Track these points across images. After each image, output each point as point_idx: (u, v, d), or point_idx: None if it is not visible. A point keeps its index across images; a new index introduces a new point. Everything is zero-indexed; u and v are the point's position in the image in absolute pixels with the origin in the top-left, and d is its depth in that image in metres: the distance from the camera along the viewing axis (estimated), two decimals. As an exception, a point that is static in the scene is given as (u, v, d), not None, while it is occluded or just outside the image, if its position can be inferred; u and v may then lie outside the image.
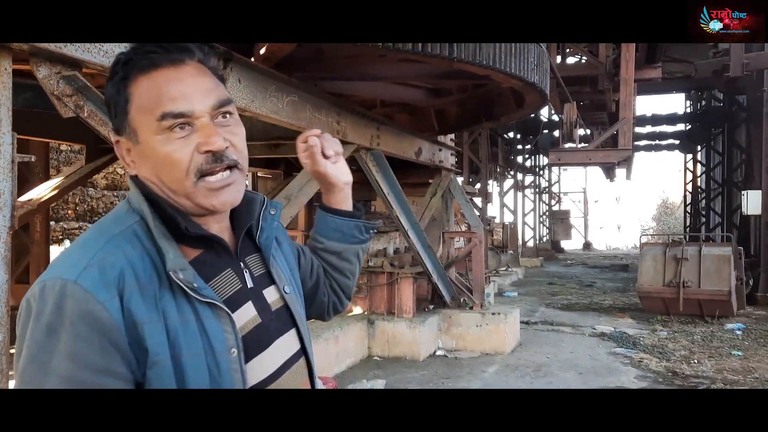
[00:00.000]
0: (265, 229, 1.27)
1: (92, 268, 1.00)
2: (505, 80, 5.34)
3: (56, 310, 0.97)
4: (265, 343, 1.18)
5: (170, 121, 1.07)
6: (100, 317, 0.97)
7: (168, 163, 1.08)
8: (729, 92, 16.51)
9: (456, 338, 7.95)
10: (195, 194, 1.10)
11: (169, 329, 1.03)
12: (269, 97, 4.28)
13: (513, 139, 23.25)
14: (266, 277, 1.26)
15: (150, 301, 1.02)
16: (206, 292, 1.07)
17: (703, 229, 21.56)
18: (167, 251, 1.06)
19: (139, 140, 1.10)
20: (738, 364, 7.32)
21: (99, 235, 1.07)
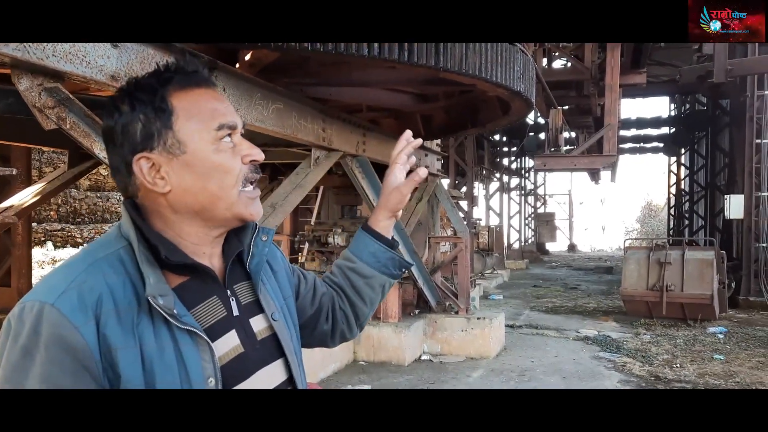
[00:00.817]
0: (256, 256, 1.26)
1: (71, 291, 1.00)
2: (491, 89, 5.36)
3: (32, 333, 0.98)
4: (246, 374, 1.17)
5: (225, 131, 1.14)
6: (72, 341, 0.97)
7: (222, 171, 1.13)
8: (713, 97, 16.66)
9: (441, 343, 7.97)
10: (237, 203, 1.15)
11: (145, 356, 1.03)
12: (254, 105, 4.27)
13: (499, 142, 23.33)
14: (255, 305, 1.24)
15: (127, 326, 1.02)
16: (186, 319, 1.07)
17: (686, 231, 21.74)
18: (148, 276, 1.06)
19: (186, 150, 1.12)
20: (720, 368, 7.39)
21: (83, 259, 1.08)
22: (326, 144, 5.43)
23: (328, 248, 8.27)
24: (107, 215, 15.58)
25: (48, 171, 13.71)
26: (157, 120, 1.12)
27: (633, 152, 25.58)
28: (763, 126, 12.24)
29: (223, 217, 1.16)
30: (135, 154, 1.12)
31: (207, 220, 1.16)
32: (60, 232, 13.89)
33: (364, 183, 6.42)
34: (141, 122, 1.12)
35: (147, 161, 1.12)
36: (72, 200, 14.70)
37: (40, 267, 11.59)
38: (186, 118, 1.13)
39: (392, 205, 1.52)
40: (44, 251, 12.56)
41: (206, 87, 1.17)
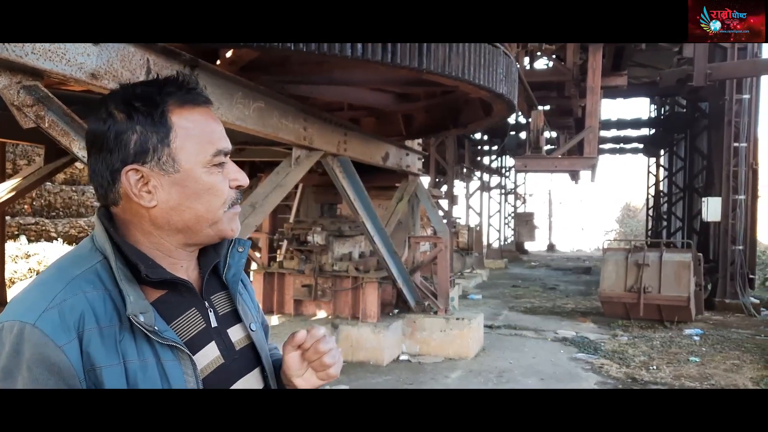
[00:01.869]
0: (233, 267, 1.27)
1: (52, 310, 0.99)
2: (474, 91, 5.34)
3: (13, 354, 0.97)
4: (227, 384, 1.18)
5: (221, 157, 1.15)
6: (57, 361, 0.97)
7: (211, 193, 1.14)
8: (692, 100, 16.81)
9: (420, 343, 7.96)
10: (222, 221, 1.16)
11: (129, 372, 1.03)
12: (235, 104, 4.21)
13: (480, 141, 23.36)
14: (232, 315, 1.25)
15: (110, 343, 1.02)
16: (167, 334, 1.07)
17: (664, 233, 21.94)
18: (128, 294, 1.05)
19: (180, 169, 1.12)
20: (695, 370, 7.47)
21: (60, 276, 1.06)
22: (307, 143, 5.38)
23: (307, 247, 8.21)
24: (82, 209, 15.36)
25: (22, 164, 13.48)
26: (155, 135, 1.11)
27: (613, 153, 25.75)
28: (741, 130, 12.37)
29: (205, 235, 1.17)
30: (125, 164, 1.10)
31: (188, 238, 1.16)
32: (34, 226, 13.67)
33: (344, 182, 6.39)
34: (137, 134, 1.10)
35: (136, 173, 1.11)
36: (47, 194, 14.47)
37: (14, 261, 11.40)
38: (185, 137, 1.12)
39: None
40: (18, 245, 12.35)
41: (204, 106, 1.18)
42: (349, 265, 7.97)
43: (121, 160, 1.10)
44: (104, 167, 1.12)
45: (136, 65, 3.23)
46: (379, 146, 7.37)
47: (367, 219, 6.92)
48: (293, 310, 8.20)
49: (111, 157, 1.11)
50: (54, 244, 13.26)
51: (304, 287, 8.12)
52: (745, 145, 12.43)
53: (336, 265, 8.04)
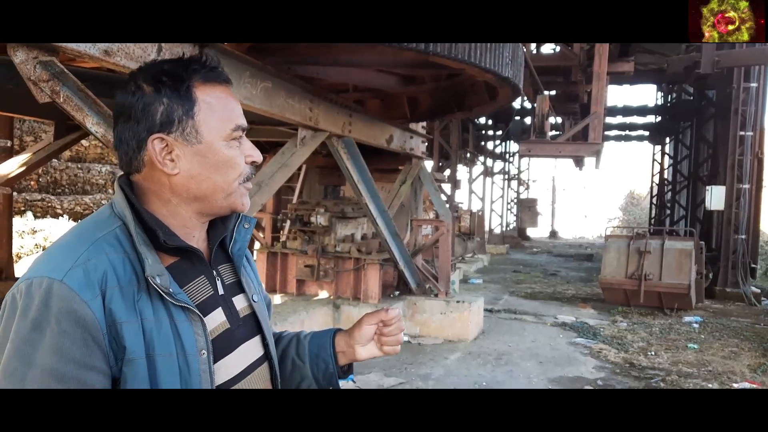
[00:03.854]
0: (238, 241, 1.35)
1: (77, 269, 1.06)
2: (480, 74, 5.36)
3: (42, 308, 1.03)
4: (232, 347, 1.25)
5: (239, 132, 1.23)
6: (83, 315, 1.04)
7: (229, 165, 1.22)
8: (699, 87, 16.75)
9: (420, 325, 8.03)
10: (235, 194, 1.24)
11: (145, 330, 1.10)
12: (243, 83, 4.25)
13: (484, 125, 23.33)
14: (236, 285, 1.33)
15: (129, 302, 1.10)
16: (181, 296, 1.15)
17: (667, 221, 21.94)
18: (147, 257, 1.12)
19: (202, 141, 1.20)
20: (693, 357, 7.53)
21: (83, 239, 1.13)
22: (313, 124, 5.41)
23: (310, 227, 8.27)
24: (87, 186, 15.43)
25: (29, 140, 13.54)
26: (180, 107, 1.18)
27: (618, 140, 25.70)
28: (747, 118, 12.35)
29: (218, 206, 1.24)
30: (151, 133, 1.18)
31: (203, 207, 1.23)
32: (40, 203, 13.74)
33: (349, 164, 6.42)
34: (164, 105, 1.18)
35: (161, 141, 1.18)
36: (53, 171, 14.54)
37: (20, 237, 11.48)
38: (207, 111, 1.20)
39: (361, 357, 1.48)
40: (24, 221, 12.44)
41: (225, 84, 1.25)
42: (351, 247, 8.02)
43: (147, 129, 1.18)
44: (131, 135, 1.19)
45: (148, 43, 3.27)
46: (383, 128, 7.39)
47: (370, 200, 6.96)
48: (296, 289, 8.27)
49: (138, 126, 1.18)
50: (60, 221, 13.34)
51: (307, 267, 8.18)
52: (751, 134, 12.41)
53: (338, 246, 8.10)
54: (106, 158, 16.22)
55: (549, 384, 6.28)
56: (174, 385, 1.12)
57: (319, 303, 7.64)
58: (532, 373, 6.64)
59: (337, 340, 1.49)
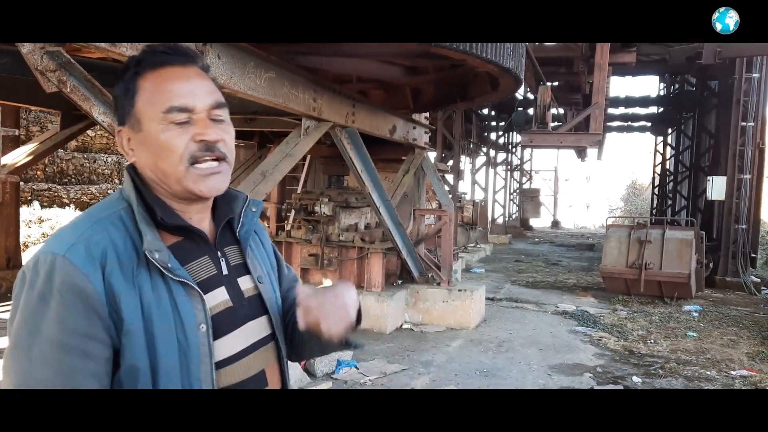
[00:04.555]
0: (246, 224, 1.39)
1: (79, 245, 1.14)
2: (482, 65, 5.43)
3: (47, 281, 1.10)
4: (234, 325, 1.29)
5: (175, 113, 1.21)
6: (84, 288, 1.11)
7: (166, 149, 1.21)
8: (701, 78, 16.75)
9: (423, 313, 8.13)
10: (185, 179, 1.22)
11: (144, 303, 1.16)
12: (248, 73, 4.32)
13: (487, 116, 23.32)
14: (242, 267, 1.37)
15: (128, 276, 1.15)
16: (179, 272, 1.20)
17: (669, 211, 21.97)
18: (146, 234, 1.19)
19: (141, 128, 1.23)
20: (692, 344, 7.61)
21: (87, 218, 1.21)
22: (316, 114, 5.49)
23: (314, 217, 8.35)
24: (94, 176, 15.52)
25: (35, 130, 13.62)
26: (127, 98, 1.25)
27: (621, 131, 25.67)
28: (749, 109, 12.38)
29: (176, 191, 1.25)
30: (119, 125, 1.28)
31: (167, 192, 1.27)
32: (47, 192, 13.83)
33: (352, 154, 6.50)
34: (120, 97, 1.26)
35: (121, 133, 1.27)
36: (59, 160, 14.63)
37: (27, 226, 11.59)
38: (144, 98, 1.23)
39: None
40: (31, 210, 12.53)
41: (176, 65, 1.25)
42: (355, 236, 8.11)
43: (118, 121, 1.29)
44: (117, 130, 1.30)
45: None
46: (386, 119, 7.46)
47: (373, 190, 7.05)
48: (300, 278, 8.34)
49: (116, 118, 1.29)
50: (66, 210, 13.43)
51: (311, 256, 8.28)
52: (752, 125, 12.44)
53: (342, 235, 8.19)
54: (111, 148, 16.28)
55: (549, 370, 6.37)
56: (173, 355, 1.16)
57: (323, 291, 7.73)
58: (533, 360, 6.73)
59: None
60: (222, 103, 1.28)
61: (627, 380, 6.13)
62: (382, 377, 5.92)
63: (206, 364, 1.20)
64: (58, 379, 1.10)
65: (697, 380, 6.22)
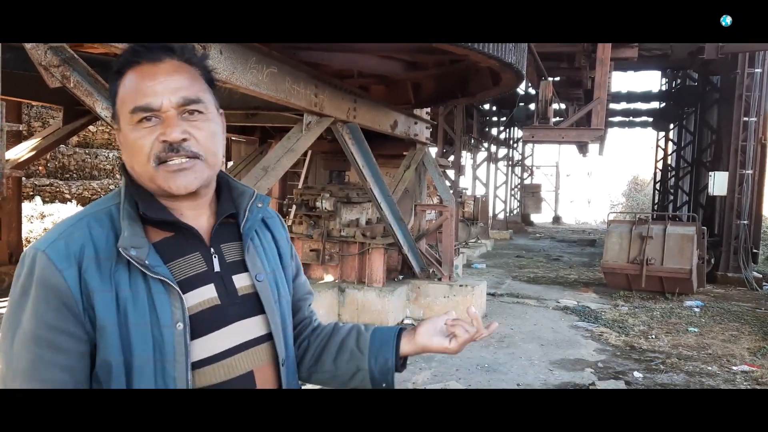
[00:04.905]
0: (249, 220, 1.36)
1: (60, 241, 1.17)
2: (483, 60, 5.43)
3: (28, 275, 1.15)
4: (220, 324, 1.26)
5: (139, 114, 1.21)
6: (56, 283, 1.14)
7: (135, 149, 1.22)
8: (703, 73, 16.72)
9: (424, 308, 8.14)
10: (156, 177, 1.22)
11: (119, 299, 1.17)
12: (249, 68, 4.32)
13: (488, 111, 23.30)
14: (240, 264, 1.33)
15: (105, 273, 1.17)
16: (158, 269, 1.19)
17: (670, 207, 21.95)
18: (124, 230, 1.20)
19: (120, 128, 1.26)
20: (693, 340, 7.62)
21: (76, 215, 1.24)
22: (318, 109, 5.49)
23: (315, 212, 8.36)
24: (95, 172, 15.54)
25: (37, 126, 13.62)
26: (112, 96, 1.27)
27: (622, 126, 25.67)
28: (751, 104, 12.36)
29: (152, 189, 1.26)
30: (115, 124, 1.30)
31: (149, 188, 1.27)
32: (48, 188, 13.85)
33: (353, 149, 6.50)
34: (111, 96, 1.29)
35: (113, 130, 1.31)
36: (60, 155, 14.64)
37: (29, 221, 11.61)
38: (120, 98, 1.25)
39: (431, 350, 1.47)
40: (33, 206, 12.56)
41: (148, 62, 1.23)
42: (356, 231, 8.12)
43: None
44: None
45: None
46: (388, 114, 7.46)
47: (374, 185, 7.05)
48: (301, 273, 8.37)
49: None
50: (68, 206, 13.46)
51: (312, 251, 8.28)
52: (755, 120, 12.41)
53: (343, 230, 8.19)
54: (113, 144, 16.30)
55: (550, 366, 6.38)
56: (147, 353, 1.16)
57: (325, 286, 7.75)
58: (534, 355, 6.74)
59: (402, 336, 1.48)
60: (192, 99, 1.24)
61: (628, 375, 6.13)
62: (384, 372, 5.92)
63: (181, 363, 1.18)
64: (31, 369, 1.13)
65: (698, 375, 6.22)
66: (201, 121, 1.25)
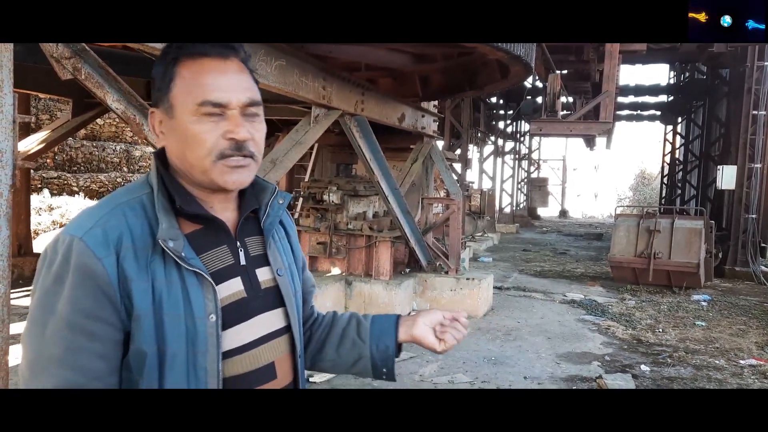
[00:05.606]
0: (271, 216, 1.39)
1: (97, 228, 1.16)
2: (491, 52, 5.41)
3: (63, 262, 1.14)
4: (245, 316, 1.29)
5: (207, 107, 1.20)
6: (95, 270, 1.13)
7: (195, 140, 1.21)
8: (712, 66, 16.64)
9: (431, 301, 8.15)
10: (211, 171, 1.22)
11: (155, 290, 1.17)
12: (258, 61, 4.32)
13: (496, 105, 23.26)
14: (262, 258, 1.36)
15: (142, 262, 1.17)
16: (193, 261, 1.21)
17: (678, 201, 21.90)
18: (162, 222, 1.20)
19: (174, 116, 1.23)
20: (701, 334, 7.61)
21: (108, 203, 1.23)
22: (326, 102, 5.49)
23: (322, 205, 8.36)
24: (103, 165, 15.59)
25: (45, 118, 13.67)
26: (163, 82, 1.24)
27: (630, 119, 25.57)
28: (760, 97, 12.29)
29: (201, 181, 1.26)
30: (152, 106, 1.27)
31: (191, 180, 1.27)
32: (56, 180, 13.91)
33: (361, 142, 6.50)
34: (157, 79, 1.26)
35: (153, 115, 1.27)
36: (68, 148, 14.69)
37: (37, 214, 11.66)
38: (181, 86, 1.22)
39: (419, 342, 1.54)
40: (41, 198, 12.61)
41: (216, 58, 1.23)
42: (363, 224, 8.13)
43: (152, 101, 1.28)
44: None
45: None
46: (395, 107, 7.46)
47: (381, 178, 7.05)
48: (308, 266, 8.38)
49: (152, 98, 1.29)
50: (76, 198, 13.51)
51: (320, 244, 8.30)
52: (764, 113, 12.35)
53: (351, 223, 8.20)
54: (120, 137, 16.35)
55: (557, 359, 6.39)
56: (180, 343, 1.18)
57: (332, 279, 7.77)
58: (541, 349, 6.75)
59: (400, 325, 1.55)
60: (257, 101, 1.27)
61: (635, 369, 6.13)
62: (391, 365, 5.94)
63: (213, 354, 1.20)
64: (66, 356, 1.12)
65: (705, 369, 6.22)
66: (258, 123, 1.28)
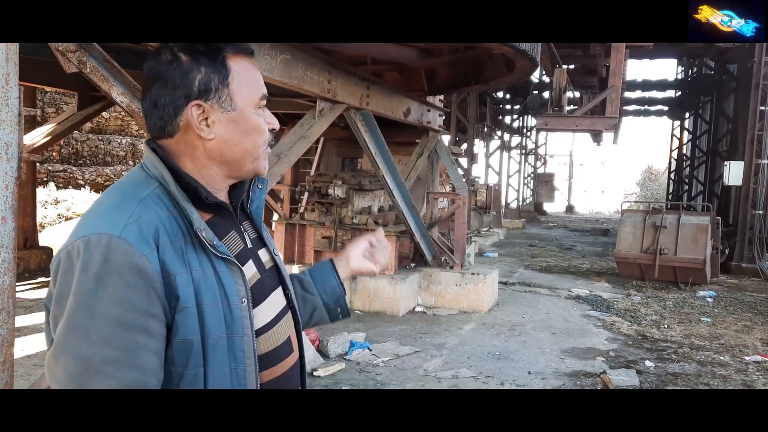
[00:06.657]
0: (255, 200, 1.44)
1: (132, 225, 1.15)
2: (497, 47, 5.40)
3: (103, 262, 1.11)
4: (263, 296, 1.36)
5: (264, 101, 1.34)
6: (144, 267, 1.13)
7: (257, 132, 1.32)
8: (720, 61, 16.56)
9: (435, 296, 8.15)
10: (260, 158, 1.34)
11: (194, 279, 1.20)
12: (263, 54, 4.32)
13: (502, 99, 23.20)
14: (258, 240, 1.43)
15: (179, 254, 1.19)
16: (222, 248, 1.24)
17: (685, 197, 21.82)
18: (191, 213, 1.22)
19: (236, 108, 1.29)
20: (706, 330, 7.59)
21: (130, 198, 1.22)
22: (331, 96, 5.48)
23: (328, 199, 8.37)
24: (108, 158, 15.63)
25: (50, 111, 13.71)
26: (216, 76, 1.26)
27: (637, 115, 25.48)
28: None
29: (245, 170, 1.34)
30: (190, 99, 1.25)
31: (231, 170, 1.33)
32: (62, 173, 13.95)
33: (366, 136, 6.49)
34: (201, 74, 1.26)
35: (198, 108, 1.26)
36: (74, 142, 14.74)
37: (43, 207, 11.69)
38: (240, 81, 1.29)
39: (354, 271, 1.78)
40: (47, 191, 12.66)
41: (251, 56, 1.36)
42: (368, 219, 8.13)
43: (185, 95, 1.25)
44: (168, 101, 1.26)
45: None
46: (401, 101, 7.44)
47: (387, 173, 7.05)
48: (313, 260, 8.40)
49: (176, 92, 1.26)
50: (82, 192, 13.55)
51: (325, 239, 8.30)
52: (772, 109, 12.29)
53: (356, 218, 8.20)
54: (126, 130, 16.38)
55: (562, 354, 6.38)
56: (220, 329, 1.21)
57: (336, 273, 7.77)
58: (545, 344, 6.74)
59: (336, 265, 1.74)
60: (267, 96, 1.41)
61: (640, 364, 6.12)
62: (395, 359, 5.95)
63: (249, 336, 1.26)
64: (126, 356, 1.11)
65: (710, 365, 6.20)
66: None
